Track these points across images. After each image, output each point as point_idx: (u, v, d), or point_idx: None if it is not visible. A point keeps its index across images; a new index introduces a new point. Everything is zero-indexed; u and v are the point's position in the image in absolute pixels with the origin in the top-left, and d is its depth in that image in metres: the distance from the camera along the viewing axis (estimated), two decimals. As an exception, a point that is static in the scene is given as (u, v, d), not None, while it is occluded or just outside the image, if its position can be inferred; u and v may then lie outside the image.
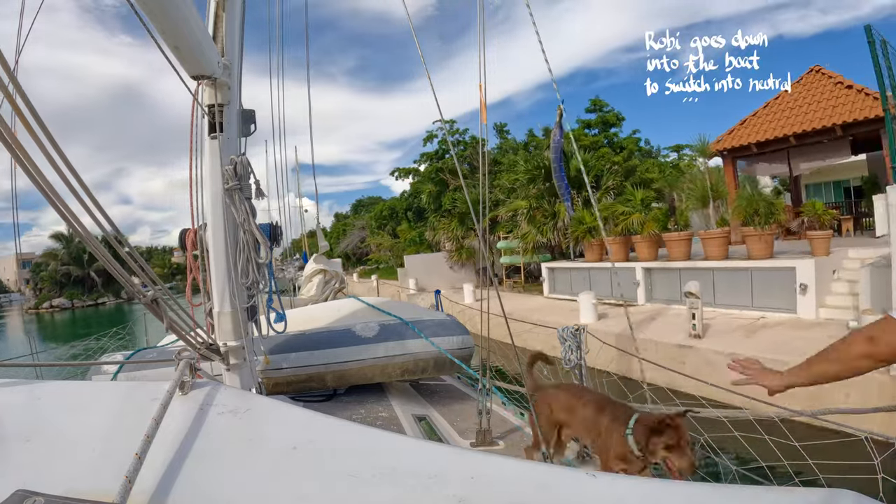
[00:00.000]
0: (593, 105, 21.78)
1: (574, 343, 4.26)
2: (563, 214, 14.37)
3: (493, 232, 18.67)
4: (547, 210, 15.30)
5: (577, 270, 12.88)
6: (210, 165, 2.49)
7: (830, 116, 12.17)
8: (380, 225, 33.46)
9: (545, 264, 14.10)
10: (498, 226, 18.83)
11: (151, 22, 1.87)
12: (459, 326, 4.34)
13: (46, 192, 1.14)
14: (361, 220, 40.20)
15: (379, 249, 31.36)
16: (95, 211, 1.33)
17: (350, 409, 3.86)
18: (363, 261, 36.31)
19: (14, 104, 1.10)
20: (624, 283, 10.62)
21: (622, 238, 11.47)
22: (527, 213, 15.75)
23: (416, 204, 28.75)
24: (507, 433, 3.46)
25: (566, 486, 0.89)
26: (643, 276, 10.59)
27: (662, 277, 10.41)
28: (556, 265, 13.95)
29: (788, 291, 8.11)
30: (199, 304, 2.71)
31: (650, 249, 10.82)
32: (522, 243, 15.58)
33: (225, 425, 1.08)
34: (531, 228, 15.28)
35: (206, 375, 2.15)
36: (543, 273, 13.93)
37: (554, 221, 14.70)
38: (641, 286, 10.60)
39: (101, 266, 25.51)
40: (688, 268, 9.77)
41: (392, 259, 29.03)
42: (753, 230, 8.86)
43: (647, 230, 10.68)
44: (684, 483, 0.88)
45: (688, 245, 10.21)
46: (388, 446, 1.05)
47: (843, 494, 0.81)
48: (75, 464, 0.96)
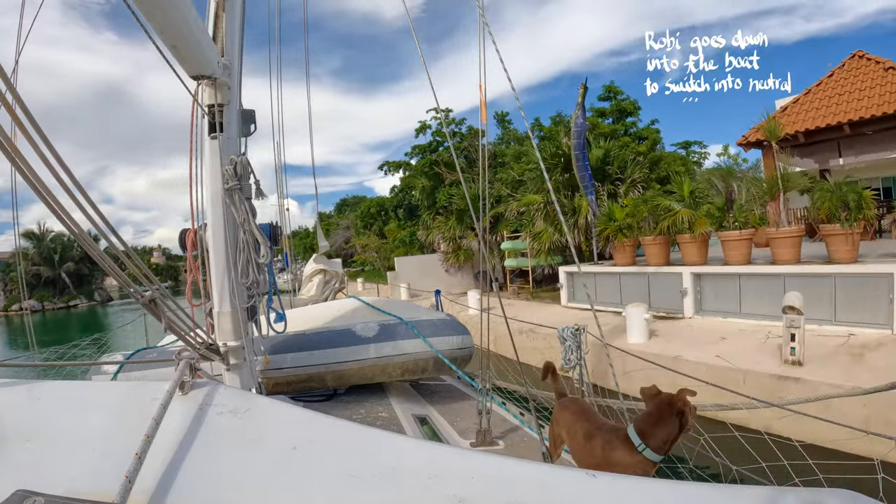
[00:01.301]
0: (608, 92, 19.65)
1: (574, 343, 4.27)
2: (586, 210, 12.30)
3: (495, 231, 16.84)
4: (566, 205, 13.22)
5: (604, 276, 10.79)
6: (210, 165, 2.49)
7: (889, 103, 10.98)
8: (366, 224, 31.34)
9: (564, 268, 11.95)
10: (501, 224, 16.90)
11: (150, 22, 1.87)
12: (459, 326, 4.34)
13: (41, 193, 1.14)
14: (346, 220, 38.08)
15: (365, 250, 29.40)
16: (90, 209, 1.33)
17: (350, 409, 3.86)
18: (348, 262, 34.46)
19: (8, 107, 1.10)
20: (666, 291, 9.18)
21: (663, 238, 9.52)
22: (542, 209, 13.54)
23: (407, 201, 26.55)
24: (507, 433, 3.46)
25: (566, 486, 0.89)
26: (692, 284, 8.78)
27: (716, 285, 8.63)
28: (575, 269, 11.71)
29: (882, 302, 6.64)
30: (198, 304, 2.71)
31: (700, 251, 9.02)
32: (536, 244, 13.49)
33: (225, 425, 1.08)
34: (547, 227, 13.26)
35: (206, 375, 2.15)
36: (561, 278, 11.80)
37: (575, 218, 12.71)
38: (689, 295, 8.78)
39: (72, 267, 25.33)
40: (750, 273, 8.06)
41: (378, 261, 27.27)
42: (839, 228, 7.28)
43: (699, 228, 8.79)
44: (684, 483, 0.88)
45: (748, 246, 8.60)
46: (388, 446, 1.05)
47: (842, 494, 0.81)
48: (75, 464, 0.96)
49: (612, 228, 10.56)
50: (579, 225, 12.67)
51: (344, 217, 40.55)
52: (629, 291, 9.98)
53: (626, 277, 10.25)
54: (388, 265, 22.98)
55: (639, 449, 1.68)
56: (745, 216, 8.95)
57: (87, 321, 30.03)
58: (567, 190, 13.59)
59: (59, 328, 26.52)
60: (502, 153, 20.53)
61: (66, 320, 33.95)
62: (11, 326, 32.35)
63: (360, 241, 30.16)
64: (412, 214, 26.04)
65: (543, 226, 13.37)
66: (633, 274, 10.07)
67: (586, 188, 11.96)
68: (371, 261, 28.77)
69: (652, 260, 9.69)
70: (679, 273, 9.03)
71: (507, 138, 22.82)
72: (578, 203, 12.82)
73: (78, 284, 43.30)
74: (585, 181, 11.95)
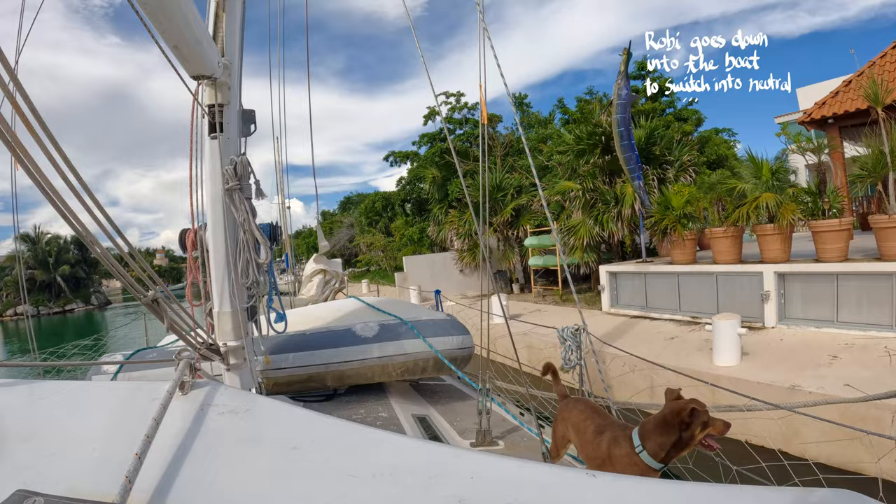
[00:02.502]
0: (639, 69, 17.69)
1: (574, 343, 4.26)
2: (631, 198, 10.38)
3: (516, 226, 14.73)
4: (607, 193, 11.22)
5: (657, 276, 8.99)
6: (210, 165, 2.49)
7: None
8: (370, 221, 29.17)
9: (606, 267, 10.13)
10: (523, 217, 14.86)
11: (152, 22, 1.88)
12: (459, 326, 4.34)
13: (45, 189, 1.14)
14: (350, 218, 35.81)
15: (370, 249, 27.31)
16: (95, 210, 1.33)
17: (350, 409, 3.86)
18: (352, 262, 32.35)
19: (15, 104, 1.10)
20: (739, 294, 7.66)
21: (736, 229, 7.86)
22: (581, 198, 11.40)
23: (415, 194, 24.59)
24: (507, 433, 3.46)
25: (566, 486, 0.89)
26: (775, 285, 7.17)
27: (806, 286, 7.00)
28: (621, 268, 9.95)
29: None
30: (199, 304, 2.72)
31: (784, 245, 7.38)
32: (571, 239, 11.45)
33: (225, 425, 1.08)
34: (585, 218, 11.23)
35: (206, 375, 2.16)
36: (603, 279, 10.06)
37: (618, 208, 10.74)
38: (772, 300, 7.17)
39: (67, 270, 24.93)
40: (851, 272, 6.54)
41: (384, 260, 25.42)
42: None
43: (785, 216, 7.13)
44: (684, 483, 0.88)
45: (847, 239, 6.99)
46: (388, 446, 1.05)
47: (843, 494, 0.81)
48: (75, 464, 0.96)
49: (670, 219, 8.73)
50: (623, 216, 10.67)
51: (348, 215, 38.35)
52: (691, 295, 8.40)
53: (686, 278, 8.51)
54: (396, 265, 21.53)
55: (637, 450, 1.69)
56: (840, 202, 7.31)
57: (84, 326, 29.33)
58: (605, 175, 11.58)
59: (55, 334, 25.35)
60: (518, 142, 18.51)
61: (61, 325, 33.25)
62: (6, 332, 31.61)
63: (364, 239, 28.03)
64: (421, 209, 24.19)
65: (581, 218, 11.30)
66: (697, 274, 8.38)
67: (632, 172, 9.81)
68: (377, 260, 26.89)
69: (721, 256, 8.01)
70: (759, 273, 7.34)
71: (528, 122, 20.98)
72: (622, 190, 10.74)
73: (74, 288, 42.51)
74: (631, 163, 9.80)
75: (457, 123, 20.82)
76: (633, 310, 9.44)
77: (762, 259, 7.62)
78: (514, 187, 15.24)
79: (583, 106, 16.14)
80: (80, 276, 42.45)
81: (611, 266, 10.24)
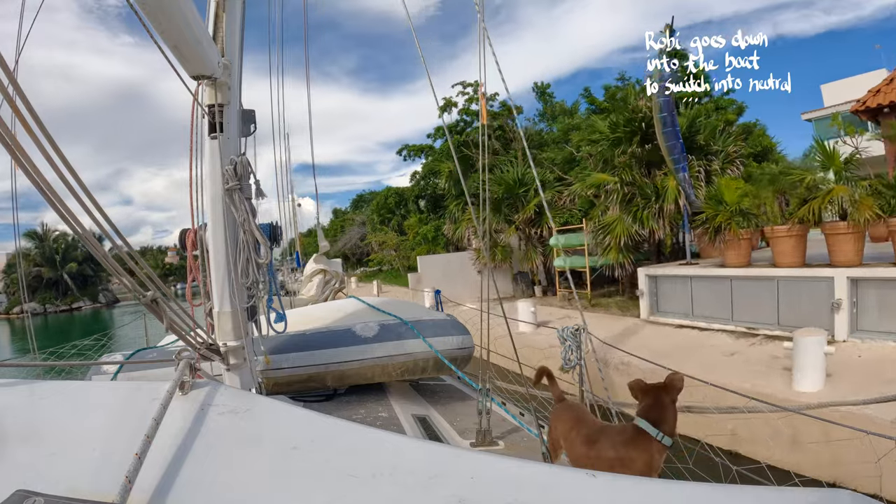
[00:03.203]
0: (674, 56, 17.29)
1: (574, 343, 4.26)
2: (674, 192, 9.32)
3: (539, 223, 13.74)
4: (646, 186, 10.08)
5: (706, 280, 8.05)
6: (210, 165, 2.49)
7: None
8: (383, 219, 27.94)
9: (645, 270, 9.12)
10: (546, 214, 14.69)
11: (151, 22, 1.88)
12: (459, 326, 4.35)
13: (45, 192, 1.14)
14: (362, 216, 34.56)
15: (382, 248, 26.22)
16: (94, 211, 1.33)
17: (350, 409, 3.86)
18: (363, 262, 31.46)
19: (13, 105, 1.10)
20: (804, 302, 6.74)
21: (801, 228, 6.96)
22: (619, 192, 10.28)
23: (430, 190, 23.31)
24: (507, 433, 3.46)
25: (566, 486, 0.89)
26: (848, 292, 6.29)
27: (883, 294, 6.10)
28: (663, 271, 8.92)
29: None
30: (199, 304, 2.72)
31: (856, 246, 6.52)
32: (607, 238, 10.43)
33: (225, 425, 1.08)
34: (622, 215, 10.16)
35: (206, 375, 2.16)
36: (641, 282, 9.08)
37: (659, 203, 9.68)
38: (843, 309, 6.29)
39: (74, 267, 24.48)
40: None
41: (397, 260, 24.31)
42: None
43: (861, 213, 6.26)
44: (684, 483, 0.88)
45: None
46: (388, 446, 1.05)
47: (842, 494, 0.81)
48: (75, 464, 0.96)
49: (723, 215, 7.73)
50: (665, 212, 9.59)
51: (360, 213, 37.06)
52: (746, 303, 7.45)
53: (741, 283, 7.54)
54: (409, 265, 20.51)
55: (658, 437, 1.73)
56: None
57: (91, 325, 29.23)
58: (642, 167, 10.50)
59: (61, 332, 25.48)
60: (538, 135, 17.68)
61: (68, 323, 33.11)
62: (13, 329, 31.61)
63: (376, 237, 26.72)
64: (437, 206, 23.02)
65: (618, 214, 10.21)
66: (754, 279, 7.40)
67: (676, 162, 8.68)
68: (389, 260, 25.69)
69: (783, 259, 7.07)
70: (828, 278, 6.44)
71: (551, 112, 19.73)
72: (662, 183, 9.67)
73: (82, 286, 42.29)
74: (675, 153, 8.63)
75: (474, 115, 19.48)
76: (676, 318, 8.40)
77: (831, 262, 6.69)
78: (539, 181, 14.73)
79: (614, 93, 14.59)
80: (87, 273, 42.25)
81: (651, 268, 9.19)
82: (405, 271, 20.66)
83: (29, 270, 40.08)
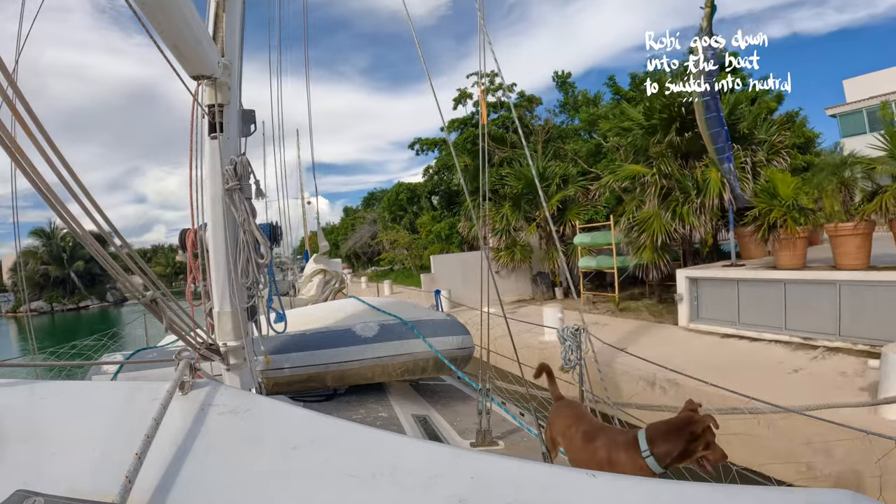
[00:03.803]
0: None
1: (574, 343, 4.26)
2: (717, 185, 8.40)
3: (562, 220, 12.91)
4: (685, 179, 9.12)
5: (754, 284, 7.23)
6: (210, 165, 2.49)
7: None
8: (394, 217, 26.86)
9: (685, 272, 8.26)
10: (570, 210, 12.89)
11: (151, 22, 1.87)
12: (459, 326, 4.35)
13: (44, 192, 1.14)
14: (373, 214, 33.57)
15: (393, 247, 25.18)
16: (93, 210, 1.33)
17: (350, 409, 3.86)
18: (374, 261, 30.37)
19: (12, 106, 1.10)
20: (871, 311, 5.89)
21: (865, 225, 6.17)
22: (656, 185, 9.30)
23: (443, 185, 22.28)
24: (507, 433, 3.46)
25: (566, 486, 0.89)
26: None
27: None
28: (705, 273, 8.11)
29: None
30: (199, 304, 2.72)
31: None
32: (644, 236, 9.41)
33: (225, 425, 1.08)
34: (659, 211, 9.18)
35: (206, 375, 2.15)
36: (680, 286, 8.21)
37: (700, 198, 8.75)
38: None
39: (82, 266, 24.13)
40: None
41: (409, 259, 23.35)
42: None
43: None
44: (684, 483, 0.88)
45: None
46: (388, 446, 1.05)
47: (842, 494, 0.81)
48: (75, 464, 0.96)
49: (778, 211, 6.99)
50: (707, 207, 8.67)
51: (371, 211, 35.90)
52: (802, 310, 6.59)
53: (796, 288, 6.67)
54: (422, 264, 19.74)
55: (643, 454, 1.67)
56: None
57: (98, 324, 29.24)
58: (680, 159, 9.48)
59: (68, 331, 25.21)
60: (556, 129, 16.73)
61: (75, 322, 32.82)
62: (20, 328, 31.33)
63: (387, 236, 25.77)
64: (451, 202, 22.03)
65: (654, 210, 9.25)
66: (811, 283, 6.55)
67: (720, 152, 7.84)
68: (401, 259, 24.77)
69: (846, 260, 6.24)
70: None
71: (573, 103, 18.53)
72: (703, 176, 8.74)
73: (89, 285, 41.81)
74: (720, 141, 7.79)
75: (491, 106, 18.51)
76: (719, 325, 7.57)
77: (904, 263, 5.72)
78: (560, 176, 13.28)
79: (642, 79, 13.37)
80: (95, 272, 41.70)
81: (691, 270, 8.26)
82: (418, 271, 20.10)
83: (36, 268, 39.93)
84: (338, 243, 34.68)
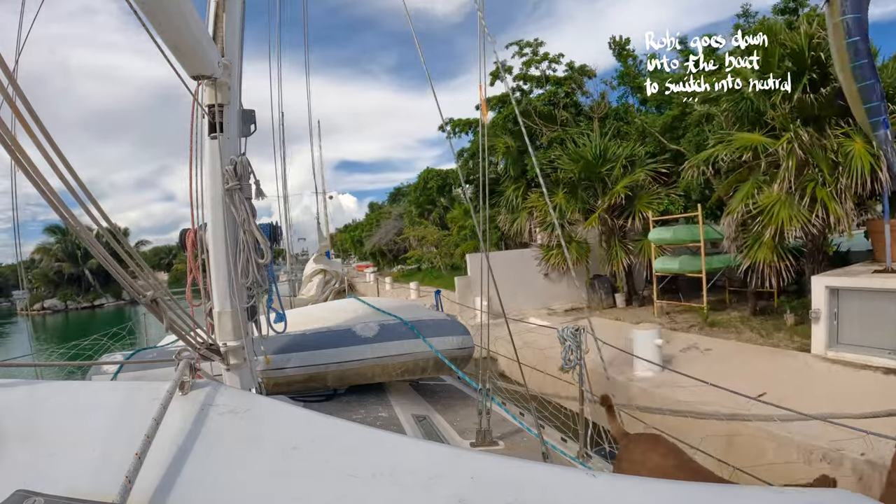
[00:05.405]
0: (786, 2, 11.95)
1: (574, 343, 4.26)
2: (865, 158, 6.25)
3: (630, 212, 10.59)
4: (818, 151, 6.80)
5: None
6: (210, 165, 2.49)
7: None
8: (422, 211, 24.12)
9: (824, 280, 6.03)
10: (639, 200, 10.47)
11: (150, 22, 1.87)
12: (459, 326, 4.35)
13: (45, 192, 1.14)
14: (399, 208, 31.37)
15: (421, 244, 22.88)
16: (94, 210, 1.33)
17: (350, 409, 3.86)
18: (399, 259, 28.27)
19: (13, 105, 1.10)
20: None
21: None
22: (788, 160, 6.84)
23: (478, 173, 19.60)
24: (507, 433, 3.46)
25: (566, 486, 0.89)
26: None
27: None
28: (851, 282, 5.85)
29: None
30: (199, 304, 2.72)
31: None
32: (767, 229, 7.03)
33: (225, 425, 1.08)
34: (785, 195, 6.92)
35: (206, 375, 2.15)
36: (817, 298, 5.99)
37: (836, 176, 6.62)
38: None
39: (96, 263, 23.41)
40: None
41: (438, 258, 21.03)
42: None
43: None
44: (684, 483, 0.88)
45: None
46: (388, 446, 1.05)
47: (842, 494, 0.81)
48: (75, 464, 0.96)
49: None
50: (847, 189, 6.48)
51: (397, 206, 33.59)
52: None
53: None
54: (452, 263, 17.90)
55: None
56: None
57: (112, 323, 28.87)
58: (812, 124, 7.12)
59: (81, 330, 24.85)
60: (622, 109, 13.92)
61: (89, 321, 32.25)
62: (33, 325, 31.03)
63: (414, 231, 23.31)
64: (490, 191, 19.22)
65: (779, 194, 6.95)
66: None
67: (873, 113, 5.79)
68: (430, 257, 22.40)
69: None
70: None
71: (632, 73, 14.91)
72: (845, 147, 6.51)
73: (104, 282, 40.50)
74: (874, 98, 5.73)
75: (533, 81, 15.90)
76: (875, 356, 5.39)
77: None
78: (626, 158, 10.82)
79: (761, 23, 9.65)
80: None
81: (832, 277, 6.05)
82: (448, 270, 18.30)
83: (50, 266, 39.62)
84: (362, 240, 33.88)
